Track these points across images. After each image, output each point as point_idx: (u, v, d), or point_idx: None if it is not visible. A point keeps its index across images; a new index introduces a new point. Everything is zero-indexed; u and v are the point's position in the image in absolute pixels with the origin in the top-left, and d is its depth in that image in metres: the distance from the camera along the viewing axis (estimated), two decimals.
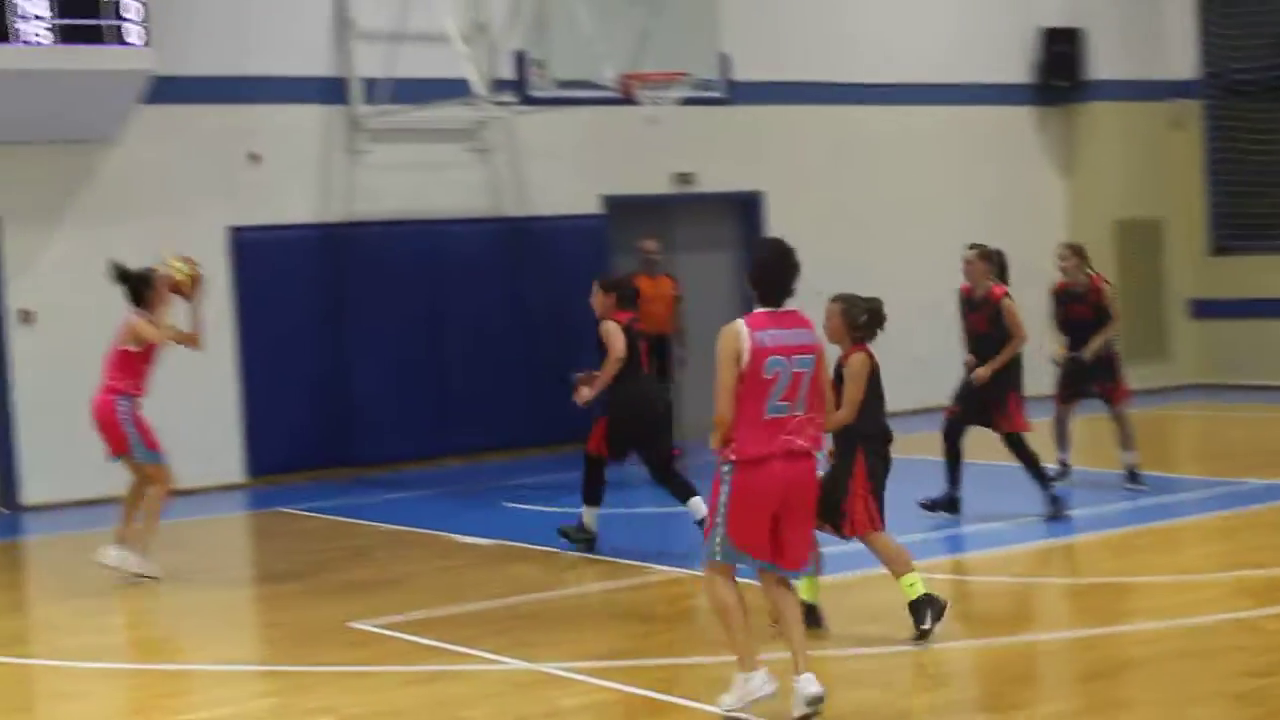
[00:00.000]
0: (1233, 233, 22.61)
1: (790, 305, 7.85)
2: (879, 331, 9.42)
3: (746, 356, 7.59)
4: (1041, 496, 12.75)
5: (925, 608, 9.11)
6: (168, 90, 16.32)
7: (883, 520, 9.33)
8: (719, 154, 19.69)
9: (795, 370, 7.65)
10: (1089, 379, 14.34)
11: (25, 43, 15.12)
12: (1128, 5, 22.57)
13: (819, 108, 20.44)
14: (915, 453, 16.34)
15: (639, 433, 12.16)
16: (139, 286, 12.04)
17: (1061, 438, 14.54)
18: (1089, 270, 14.47)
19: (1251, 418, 19.13)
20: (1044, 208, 22.13)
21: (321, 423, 17.35)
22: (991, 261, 13.00)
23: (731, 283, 20.04)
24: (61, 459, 15.92)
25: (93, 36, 15.39)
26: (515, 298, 18.32)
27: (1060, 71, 21.97)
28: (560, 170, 18.82)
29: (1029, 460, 12.81)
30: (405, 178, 17.95)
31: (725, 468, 7.71)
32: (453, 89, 17.24)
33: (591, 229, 18.57)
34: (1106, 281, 14.61)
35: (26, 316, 16.10)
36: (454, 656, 9.36)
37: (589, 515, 12.26)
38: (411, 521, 14.11)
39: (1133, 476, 14.16)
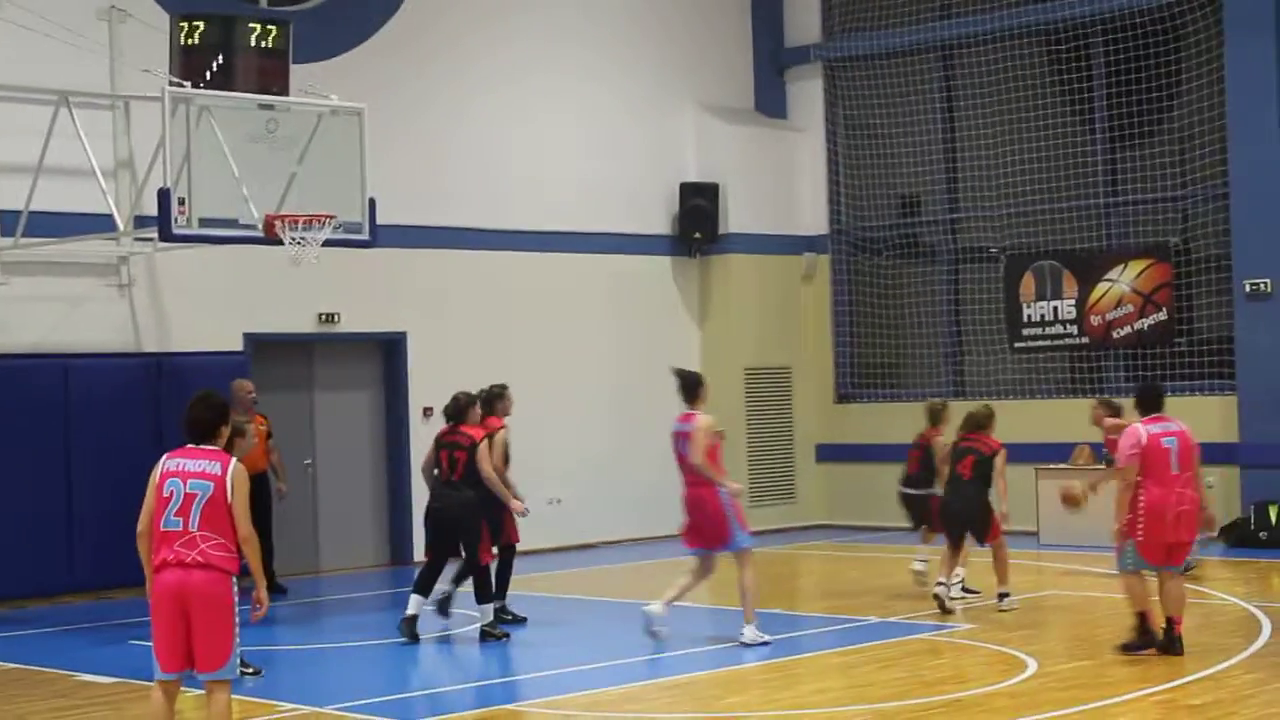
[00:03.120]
0: (855, 381, 23.72)
1: None
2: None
3: (155, 479, 8.88)
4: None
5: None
6: None
7: None
8: (363, 295, 19.91)
9: (188, 492, 8.77)
10: None
11: None
12: (763, 162, 23.60)
13: (464, 252, 20.85)
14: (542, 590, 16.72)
15: None
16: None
17: None
18: None
19: (870, 558, 19.95)
20: (680, 354, 22.74)
21: None
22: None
23: (372, 421, 20.22)
24: None
25: None
26: (153, 434, 18.11)
27: (697, 224, 22.83)
28: (203, 308, 18.78)
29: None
30: (42, 311, 17.71)
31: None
32: (94, 224, 17.16)
33: (234, 367, 18.51)
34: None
35: None
36: None
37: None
38: (33, 660, 13.79)
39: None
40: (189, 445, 9.02)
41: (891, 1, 23.25)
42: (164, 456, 9.02)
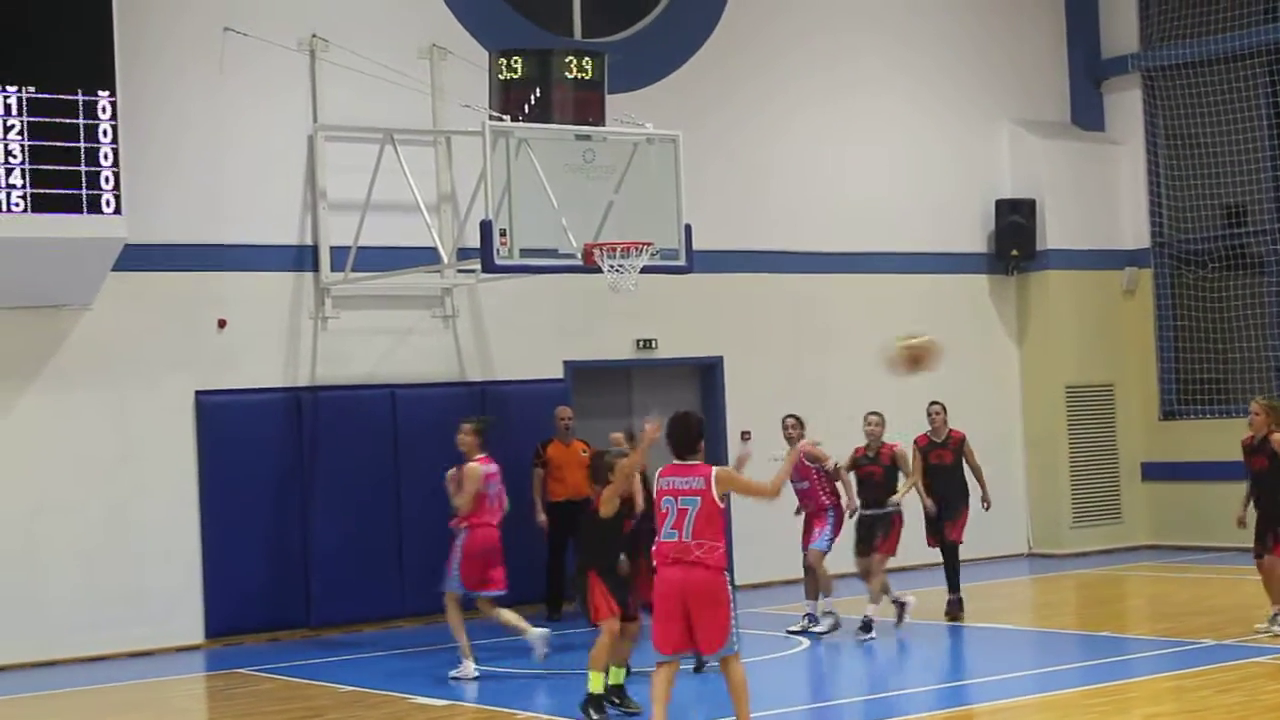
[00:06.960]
0: (1180, 397, 23.05)
1: None
2: None
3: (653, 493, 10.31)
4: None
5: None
6: (138, 257, 16.60)
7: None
8: (679, 321, 20.09)
9: (680, 507, 10.14)
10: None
11: None
12: (1080, 177, 23.15)
13: (777, 276, 20.87)
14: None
15: None
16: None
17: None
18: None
19: (1201, 579, 19.37)
20: (999, 373, 22.54)
21: (281, 584, 17.48)
22: None
23: None
24: None
25: (67, 205, 15.67)
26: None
27: (1014, 241, 22.50)
28: (523, 336, 19.16)
29: None
30: (370, 343, 18.27)
31: None
32: (418, 257, 17.66)
33: (554, 394, 18.85)
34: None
35: None
36: None
37: None
38: (368, 683, 14.21)
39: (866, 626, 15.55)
40: (675, 462, 10.37)
41: (1214, 6, 22.59)
42: (658, 473, 10.39)
